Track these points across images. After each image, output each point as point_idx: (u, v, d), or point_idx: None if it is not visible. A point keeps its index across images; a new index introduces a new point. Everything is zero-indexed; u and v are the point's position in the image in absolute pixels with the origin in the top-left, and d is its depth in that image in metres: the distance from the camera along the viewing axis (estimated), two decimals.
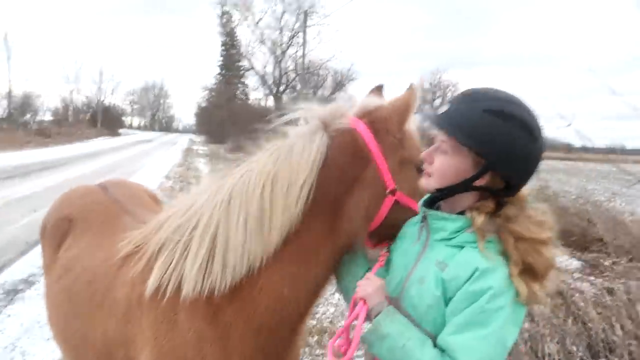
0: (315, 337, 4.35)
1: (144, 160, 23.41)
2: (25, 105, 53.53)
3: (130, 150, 31.26)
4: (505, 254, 1.38)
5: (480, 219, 1.39)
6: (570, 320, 4.52)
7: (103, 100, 72.95)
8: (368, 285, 1.50)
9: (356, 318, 1.49)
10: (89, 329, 1.90)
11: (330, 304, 5.12)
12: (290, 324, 1.64)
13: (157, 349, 1.63)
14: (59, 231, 2.35)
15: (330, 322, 4.72)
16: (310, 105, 1.71)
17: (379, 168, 1.57)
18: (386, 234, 1.67)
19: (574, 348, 4.18)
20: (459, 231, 1.43)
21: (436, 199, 1.53)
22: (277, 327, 1.62)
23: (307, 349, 4.08)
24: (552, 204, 9.45)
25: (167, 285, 1.63)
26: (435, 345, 1.36)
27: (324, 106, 1.70)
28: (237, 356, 1.60)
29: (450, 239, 1.44)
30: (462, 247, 1.41)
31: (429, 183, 1.48)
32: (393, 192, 1.57)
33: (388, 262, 1.65)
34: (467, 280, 1.34)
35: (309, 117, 1.68)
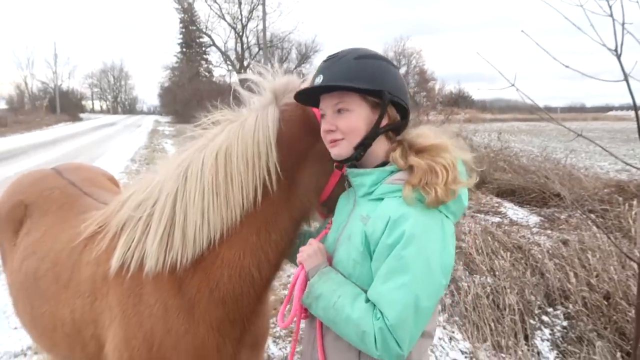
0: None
1: (107, 145, 22.80)
2: None
3: (93, 135, 30.36)
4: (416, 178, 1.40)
5: (398, 157, 1.43)
6: (529, 272, 4.75)
7: (60, 85, 70.37)
8: (306, 249, 1.55)
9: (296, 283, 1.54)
10: (56, 310, 1.92)
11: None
12: (254, 292, 1.69)
13: (125, 322, 1.68)
14: (14, 217, 2.33)
15: None
16: (265, 75, 1.72)
17: None
18: (335, 205, 1.72)
19: (533, 297, 4.40)
20: (376, 184, 1.46)
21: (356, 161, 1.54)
22: (241, 296, 1.67)
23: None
24: (513, 163, 9.76)
25: (130, 262, 1.68)
26: (368, 300, 1.37)
27: (276, 78, 1.72)
28: (203, 325, 1.66)
29: (371, 192, 1.46)
30: (382, 199, 1.44)
31: (342, 148, 1.47)
32: (340, 167, 1.61)
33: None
34: (383, 231, 1.36)
35: (262, 87, 1.71)
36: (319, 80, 1.46)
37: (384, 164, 1.49)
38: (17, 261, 2.18)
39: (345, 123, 1.44)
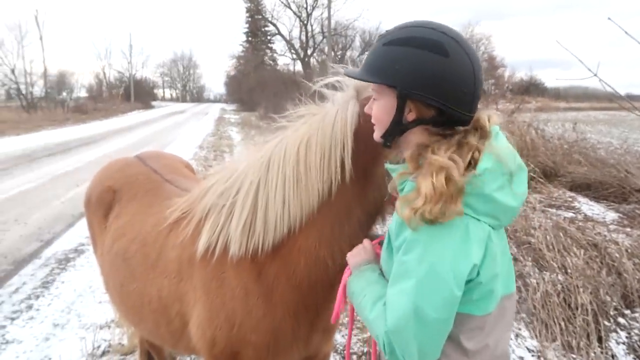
0: None
1: (177, 132, 23.83)
2: (60, 83, 54.99)
3: (163, 122, 31.83)
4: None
5: (409, 157, 1.31)
6: (604, 272, 4.50)
7: (134, 74, 74.07)
8: (353, 250, 1.55)
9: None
10: (144, 288, 2.08)
11: None
12: (328, 280, 1.75)
13: (209, 303, 1.80)
14: (104, 202, 2.51)
15: None
16: (348, 72, 1.75)
17: None
18: None
19: (608, 298, 4.18)
20: (404, 180, 1.33)
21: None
22: (316, 283, 1.74)
23: None
24: (589, 156, 9.21)
25: (215, 247, 1.79)
26: None
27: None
28: (280, 309, 1.75)
29: (402, 189, 1.33)
30: None
31: (375, 135, 1.43)
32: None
33: None
34: (396, 232, 1.30)
35: (344, 84, 1.74)
36: (358, 69, 1.44)
37: None
38: (108, 242, 2.36)
39: (374, 111, 1.40)
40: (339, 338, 3.83)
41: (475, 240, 1.21)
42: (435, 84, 1.25)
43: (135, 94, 64.44)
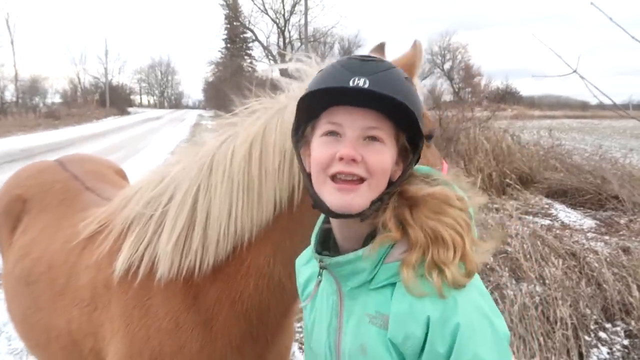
0: None
1: (151, 138, 23.33)
2: (33, 88, 53.63)
3: (138, 128, 31.22)
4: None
5: (389, 221, 1.01)
6: (583, 282, 4.31)
7: (111, 80, 72.77)
8: None
9: None
10: (51, 320, 1.73)
11: None
12: (283, 305, 1.48)
13: (129, 337, 1.46)
14: (12, 213, 2.16)
15: None
16: (307, 62, 1.49)
17: None
18: None
19: (588, 311, 3.97)
20: (376, 266, 1.03)
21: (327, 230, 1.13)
22: (268, 309, 1.45)
23: None
24: (565, 162, 9.13)
25: (138, 266, 1.45)
26: None
27: (320, 65, 1.45)
28: (221, 341, 1.44)
29: (370, 280, 1.03)
30: (393, 284, 1.02)
31: (360, 195, 1.00)
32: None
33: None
34: (425, 338, 0.95)
35: (303, 73, 1.47)
36: (362, 82, 0.97)
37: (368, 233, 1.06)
38: (11, 263, 2.01)
39: (379, 159, 1.00)
40: (300, 356, 3.50)
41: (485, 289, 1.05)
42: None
43: (111, 100, 63.35)
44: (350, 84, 0.97)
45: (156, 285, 1.43)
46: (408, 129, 1.03)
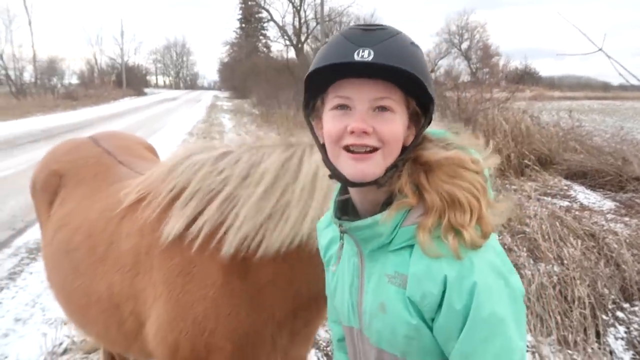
0: None
1: (168, 118, 23.49)
2: (51, 69, 54.12)
3: (155, 108, 31.44)
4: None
5: (406, 186, 1.04)
6: (602, 263, 4.31)
7: (127, 61, 73.16)
8: None
9: None
10: (91, 285, 1.81)
11: None
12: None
13: (172, 303, 1.52)
14: (49, 188, 2.25)
15: None
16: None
17: None
18: None
19: (606, 291, 3.98)
20: (395, 229, 1.05)
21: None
22: (317, 297, 1.50)
23: None
24: (585, 143, 9.02)
25: (194, 237, 1.51)
26: None
27: None
28: (265, 314, 1.51)
29: (389, 242, 1.07)
30: (411, 246, 1.05)
31: (375, 164, 1.02)
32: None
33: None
34: (442, 296, 0.99)
35: None
36: (367, 54, 0.97)
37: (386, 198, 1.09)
38: (50, 234, 2.10)
39: (390, 129, 1.01)
40: (322, 333, 3.60)
41: (504, 253, 1.07)
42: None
43: (128, 80, 63.71)
44: (355, 57, 0.97)
45: (208, 255, 1.49)
46: (417, 94, 1.05)
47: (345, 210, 1.18)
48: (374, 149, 1.01)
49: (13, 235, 5.78)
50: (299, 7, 45.25)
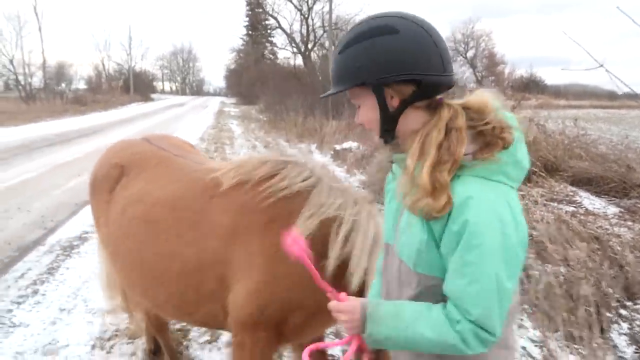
0: None
1: (177, 124, 23.79)
2: (59, 74, 54.74)
3: (163, 114, 31.78)
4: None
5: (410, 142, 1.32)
6: (606, 264, 4.53)
7: (134, 66, 73.72)
8: (341, 315, 1.37)
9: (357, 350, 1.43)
10: (176, 249, 2.07)
11: None
12: None
13: (269, 271, 1.83)
14: (111, 177, 2.54)
15: None
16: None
17: None
18: None
19: (610, 290, 4.20)
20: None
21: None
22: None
23: None
24: (590, 151, 9.22)
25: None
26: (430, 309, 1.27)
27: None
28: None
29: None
30: None
31: (375, 140, 1.42)
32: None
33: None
34: (447, 217, 1.22)
35: None
36: (332, 74, 1.41)
37: None
38: (118, 209, 2.37)
39: (361, 118, 1.40)
40: None
41: (518, 206, 1.26)
42: (397, 60, 1.27)
43: (135, 86, 64.16)
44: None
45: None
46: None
47: None
48: (370, 129, 1.40)
49: (45, 233, 6.06)
50: (306, 15, 45.70)
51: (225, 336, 3.51)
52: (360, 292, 1.74)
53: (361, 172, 9.71)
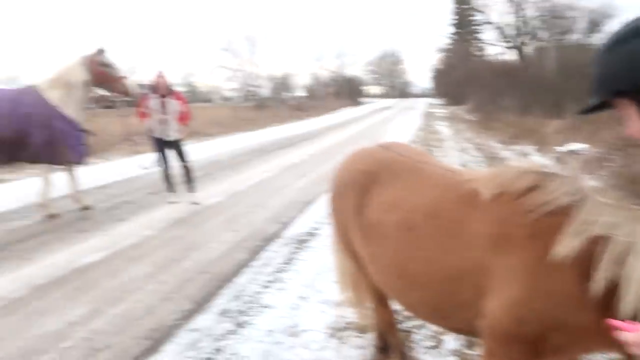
0: None
1: (386, 127, 24.63)
2: (285, 85, 61.78)
3: (373, 117, 33.27)
4: None
5: None
6: None
7: (345, 73, 78.58)
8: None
9: None
10: (434, 256, 2.14)
11: None
12: None
13: (533, 285, 1.79)
14: (358, 184, 2.67)
15: None
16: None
17: None
18: None
19: None
20: None
21: None
22: None
23: None
24: None
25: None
26: None
27: None
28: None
29: None
30: None
31: None
32: None
33: None
34: None
35: None
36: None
37: None
38: (374, 216, 2.50)
39: (629, 132, 1.31)
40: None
41: None
42: None
43: (345, 91, 68.48)
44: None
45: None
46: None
47: None
48: None
49: (281, 228, 6.92)
50: (520, 5, 42.42)
51: (449, 344, 3.52)
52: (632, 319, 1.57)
53: (591, 178, 8.64)
